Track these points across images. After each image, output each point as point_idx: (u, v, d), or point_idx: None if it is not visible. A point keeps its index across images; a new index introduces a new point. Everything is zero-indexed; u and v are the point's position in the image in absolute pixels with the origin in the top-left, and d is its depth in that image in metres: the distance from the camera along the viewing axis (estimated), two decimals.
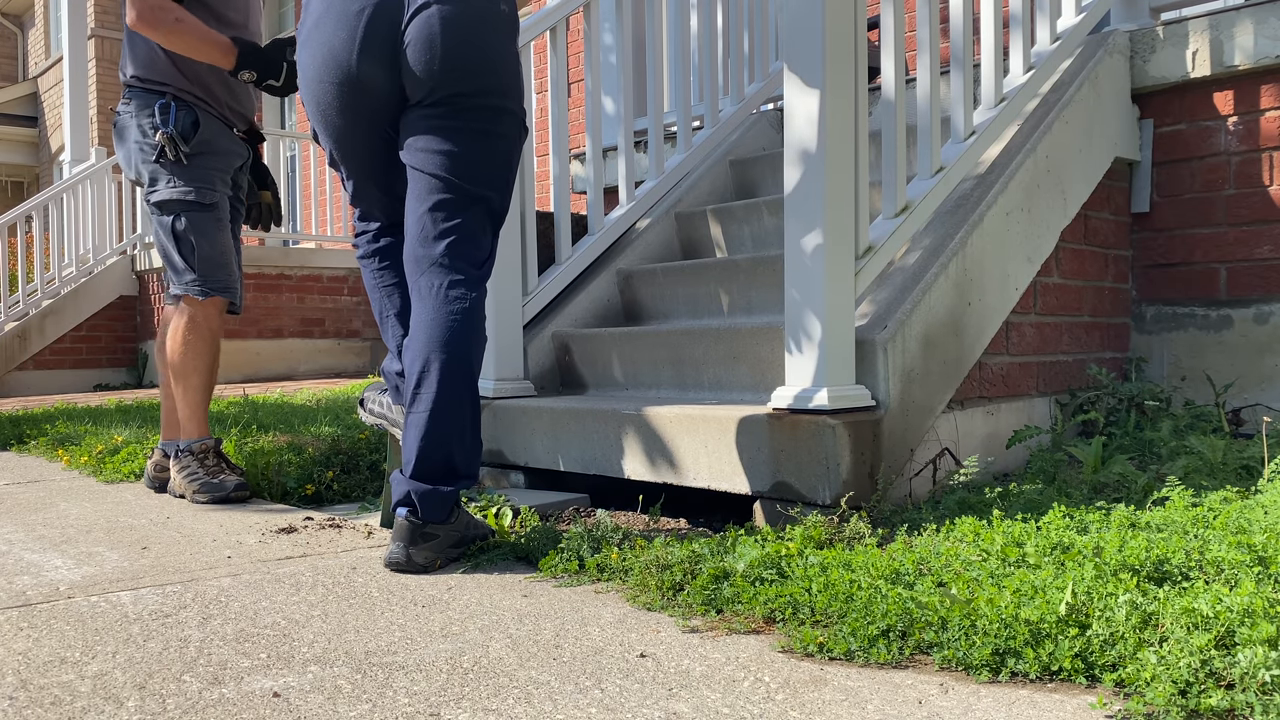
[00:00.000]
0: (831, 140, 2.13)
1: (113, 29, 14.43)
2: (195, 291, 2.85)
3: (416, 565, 1.96)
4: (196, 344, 2.88)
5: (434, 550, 1.99)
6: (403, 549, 1.96)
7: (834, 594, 1.54)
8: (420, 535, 1.97)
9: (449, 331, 1.99)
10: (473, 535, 2.08)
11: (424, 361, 1.98)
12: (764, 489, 2.22)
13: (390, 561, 1.97)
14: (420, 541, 1.97)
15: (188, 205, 2.81)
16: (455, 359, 1.99)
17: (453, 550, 2.03)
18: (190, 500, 2.80)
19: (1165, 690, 1.15)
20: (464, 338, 2.00)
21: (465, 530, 2.06)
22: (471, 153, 2.04)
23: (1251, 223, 3.00)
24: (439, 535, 1.99)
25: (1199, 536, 1.71)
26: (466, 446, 2.03)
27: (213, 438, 2.92)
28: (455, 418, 1.99)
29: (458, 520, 2.05)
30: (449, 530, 2.02)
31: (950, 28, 2.64)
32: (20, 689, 1.35)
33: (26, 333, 8.17)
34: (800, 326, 2.17)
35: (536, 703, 1.27)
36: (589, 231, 3.41)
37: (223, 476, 2.82)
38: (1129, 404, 2.88)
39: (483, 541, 2.09)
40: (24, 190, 17.24)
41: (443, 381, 1.97)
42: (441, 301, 2.01)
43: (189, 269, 2.83)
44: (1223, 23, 2.96)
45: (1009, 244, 2.64)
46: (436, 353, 1.98)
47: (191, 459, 2.86)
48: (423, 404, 1.98)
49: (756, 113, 4.17)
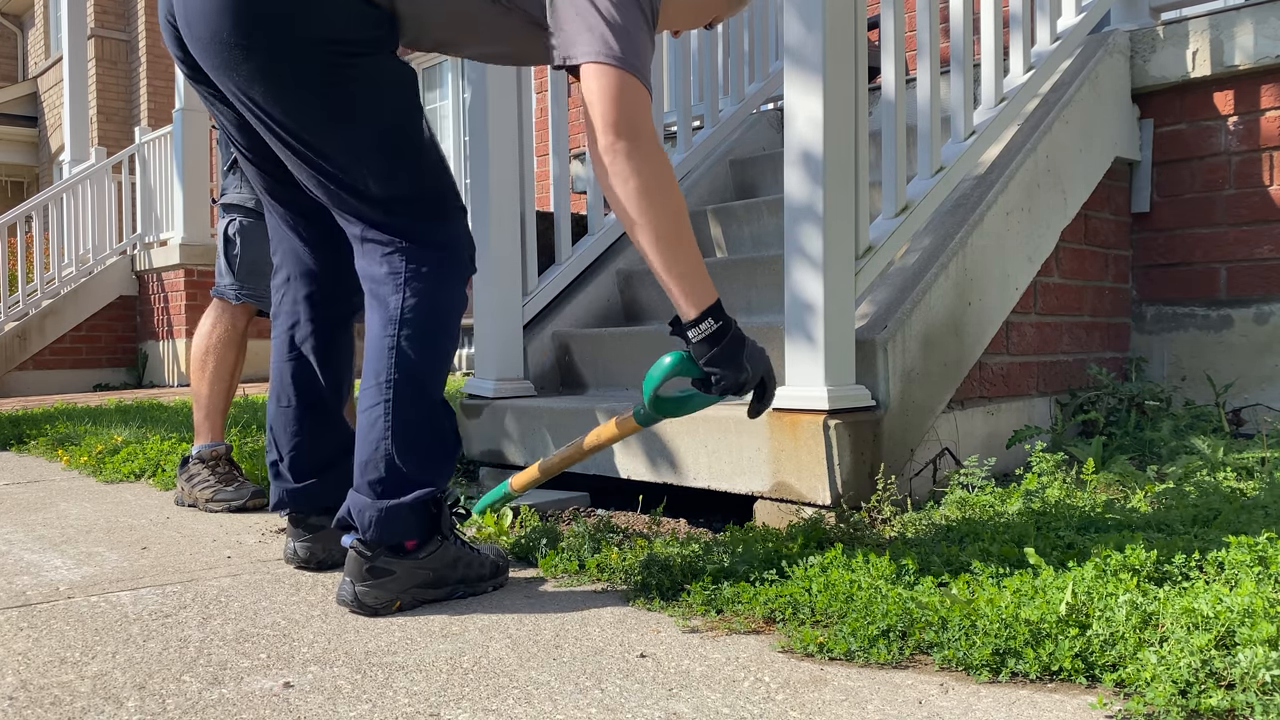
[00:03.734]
0: (832, 140, 2.13)
1: (112, 29, 14.44)
2: (229, 295, 2.86)
3: (365, 607, 1.67)
4: (221, 348, 2.86)
5: (388, 590, 1.68)
6: (349, 586, 1.69)
7: (834, 594, 1.54)
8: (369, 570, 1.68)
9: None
10: (467, 576, 1.77)
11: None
12: (764, 489, 2.22)
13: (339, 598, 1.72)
14: (369, 578, 1.68)
15: (246, 212, 2.83)
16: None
17: (426, 591, 1.72)
18: (202, 509, 2.71)
19: (1165, 690, 1.15)
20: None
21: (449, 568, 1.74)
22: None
23: (1252, 223, 3.00)
24: (394, 571, 1.69)
25: (1199, 537, 1.71)
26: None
27: (225, 444, 2.87)
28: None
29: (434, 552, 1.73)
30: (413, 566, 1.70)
31: (950, 28, 2.64)
32: (20, 689, 1.35)
33: (26, 333, 8.17)
34: (800, 326, 2.16)
35: (536, 703, 1.27)
36: (589, 231, 3.41)
37: (237, 484, 2.74)
38: (1129, 404, 2.88)
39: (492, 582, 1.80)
40: (24, 190, 17.23)
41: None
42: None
43: (230, 272, 2.85)
44: (1223, 22, 2.96)
45: (1009, 244, 2.64)
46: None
47: (202, 466, 2.78)
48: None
49: (756, 112, 4.17)
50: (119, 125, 14.41)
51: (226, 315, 2.87)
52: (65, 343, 8.36)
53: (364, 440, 1.70)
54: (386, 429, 1.68)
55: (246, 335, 2.90)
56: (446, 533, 1.74)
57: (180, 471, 2.81)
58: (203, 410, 2.86)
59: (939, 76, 2.51)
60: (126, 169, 8.90)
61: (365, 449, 1.70)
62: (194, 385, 2.87)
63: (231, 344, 2.86)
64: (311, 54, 1.63)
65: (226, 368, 2.85)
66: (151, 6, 13.88)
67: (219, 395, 2.85)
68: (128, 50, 14.61)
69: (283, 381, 1.99)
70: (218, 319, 2.87)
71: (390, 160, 1.71)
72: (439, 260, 1.74)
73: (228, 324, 2.86)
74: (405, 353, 1.69)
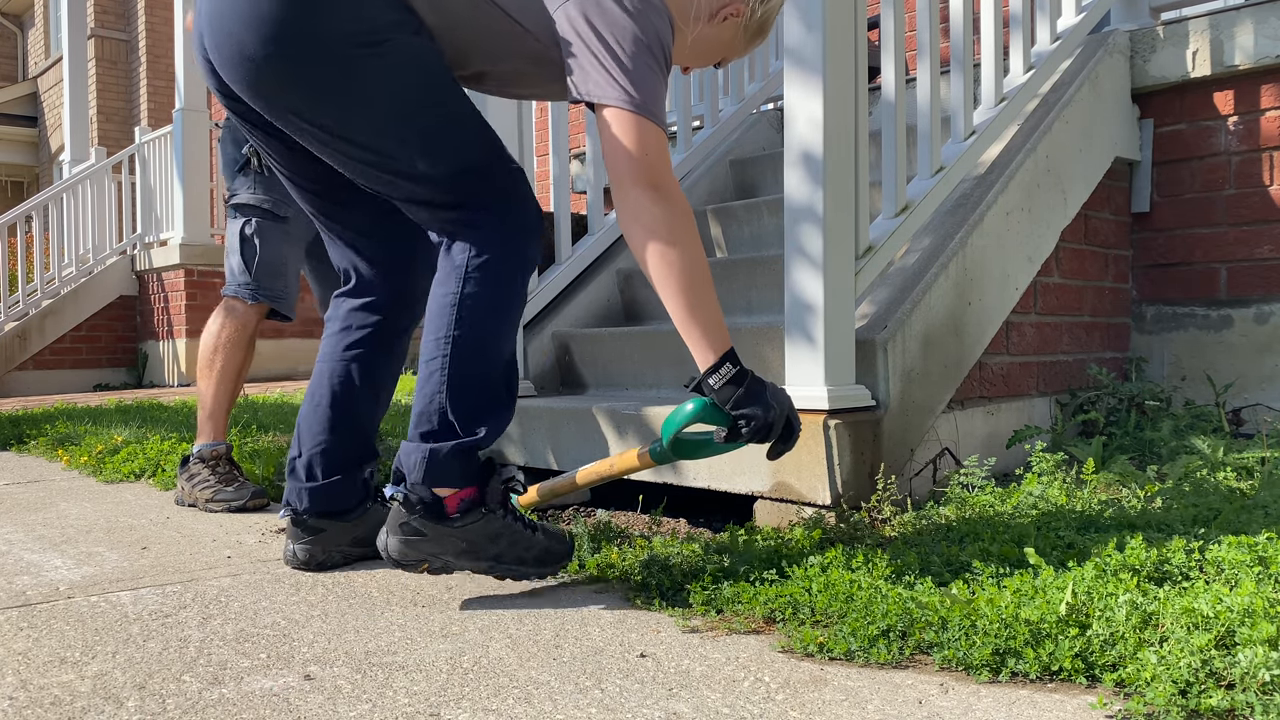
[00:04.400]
0: (832, 140, 2.13)
1: (112, 29, 14.44)
2: (245, 294, 2.84)
3: (391, 558, 1.69)
4: (230, 347, 2.84)
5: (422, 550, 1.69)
6: (383, 535, 1.71)
7: (834, 594, 1.54)
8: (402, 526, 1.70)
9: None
10: (505, 555, 1.72)
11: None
12: (764, 489, 2.22)
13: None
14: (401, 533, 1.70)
15: (262, 213, 2.83)
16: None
17: (460, 561, 1.70)
18: (202, 509, 2.69)
19: (1165, 690, 1.15)
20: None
21: (488, 542, 1.71)
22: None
23: (1252, 222, 3.00)
24: (425, 534, 1.69)
25: (1199, 536, 1.71)
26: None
27: (226, 443, 2.85)
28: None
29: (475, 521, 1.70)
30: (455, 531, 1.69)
31: (950, 28, 2.64)
32: (20, 689, 1.35)
33: (26, 333, 8.17)
34: (800, 326, 2.16)
35: (536, 703, 1.27)
36: (589, 231, 3.41)
37: (237, 484, 2.72)
38: (1129, 404, 2.88)
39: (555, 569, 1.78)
40: (24, 190, 17.24)
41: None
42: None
43: (246, 272, 2.83)
44: (1223, 22, 2.96)
45: (1009, 244, 2.64)
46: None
47: (202, 466, 2.75)
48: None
49: (756, 112, 4.17)
50: (119, 125, 14.42)
51: (237, 315, 2.85)
52: (65, 343, 8.36)
53: (420, 392, 1.72)
54: (442, 382, 1.69)
55: (255, 336, 2.89)
56: (492, 505, 1.72)
57: (181, 471, 2.80)
58: (206, 409, 2.84)
59: (939, 76, 2.51)
60: (126, 169, 8.90)
61: (421, 400, 1.71)
62: (200, 384, 2.86)
63: (240, 344, 2.85)
64: (337, 48, 1.64)
65: (234, 368, 2.84)
66: (151, 6, 13.89)
67: (224, 395, 2.84)
68: (128, 50, 14.61)
69: (322, 382, 2.00)
70: (227, 319, 2.85)
71: (435, 137, 1.71)
72: (504, 227, 1.74)
73: (238, 324, 2.84)
74: (467, 312, 1.70)
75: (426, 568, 1.69)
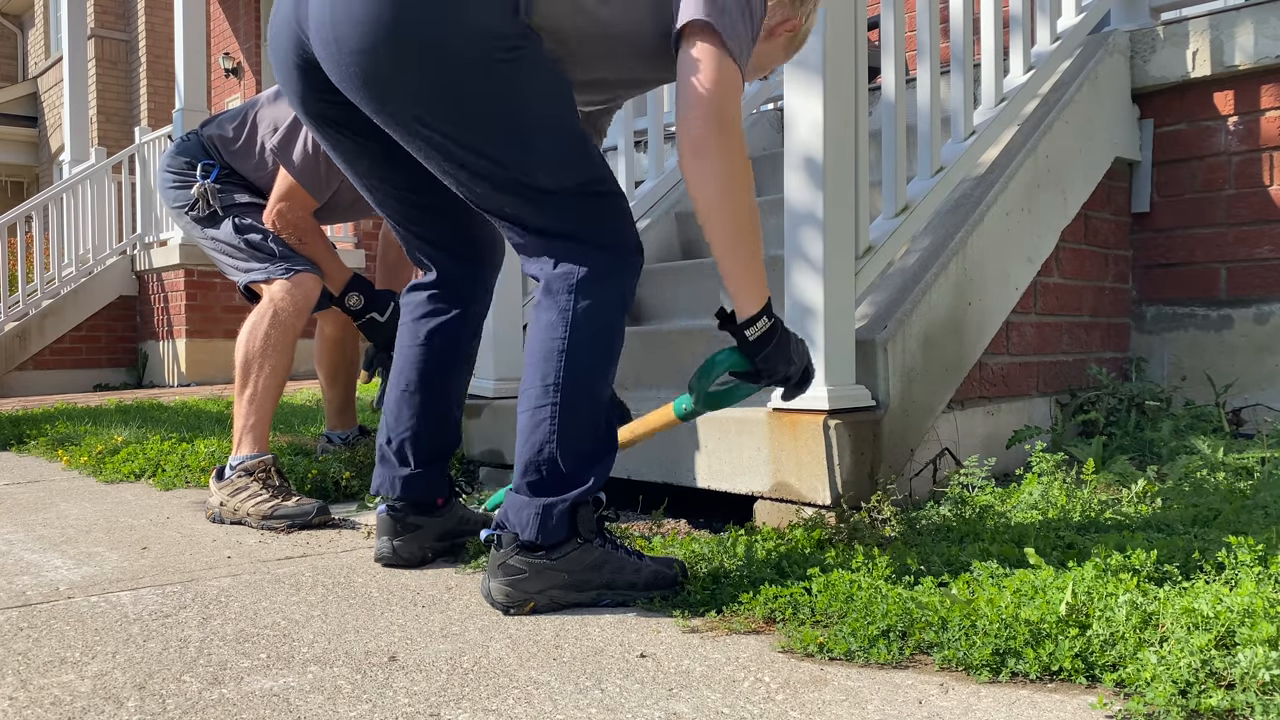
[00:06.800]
0: (831, 140, 2.13)
1: (112, 29, 14.44)
2: (279, 272, 2.64)
3: (496, 604, 1.68)
4: (277, 338, 2.61)
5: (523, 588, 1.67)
6: (486, 581, 1.71)
7: (834, 594, 1.54)
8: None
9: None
10: (615, 582, 1.70)
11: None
12: (764, 489, 2.22)
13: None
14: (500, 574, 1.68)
15: (241, 207, 2.77)
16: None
17: (567, 594, 1.67)
18: (255, 526, 2.42)
19: (1165, 690, 1.15)
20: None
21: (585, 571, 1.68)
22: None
23: (1252, 222, 3.00)
24: (524, 571, 1.66)
25: (1199, 537, 1.71)
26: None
27: (271, 454, 2.59)
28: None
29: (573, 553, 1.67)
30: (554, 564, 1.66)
31: (950, 28, 2.65)
32: (20, 689, 1.35)
33: (26, 333, 8.17)
34: (800, 326, 2.16)
35: (536, 703, 1.27)
36: None
37: (296, 499, 2.46)
38: (1129, 404, 2.88)
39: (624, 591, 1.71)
40: (24, 190, 17.24)
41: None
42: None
43: (271, 257, 2.68)
44: (1223, 23, 2.97)
45: (1009, 244, 2.64)
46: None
47: (249, 479, 2.49)
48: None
49: (756, 113, 4.17)
50: (119, 125, 14.41)
51: (287, 296, 2.63)
52: (65, 343, 8.36)
53: (526, 441, 1.67)
54: (552, 432, 1.65)
55: (302, 322, 2.66)
56: (587, 535, 1.68)
57: (217, 483, 2.54)
58: (252, 416, 2.61)
59: (939, 77, 2.51)
60: (126, 169, 8.90)
61: (528, 450, 1.67)
62: (240, 386, 2.63)
63: (288, 331, 2.62)
64: (479, 52, 1.61)
65: (283, 362, 2.63)
66: (151, 7, 13.87)
67: (273, 397, 2.62)
68: (128, 50, 14.61)
69: (405, 368, 2.01)
70: (273, 310, 2.64)
71: (557, 148, 1.68)
72: (608, 260, 1.70)
73: (283, 308, 2.62)
74: (576, 356, 1.66)
75: (532, 606, 1.66)
